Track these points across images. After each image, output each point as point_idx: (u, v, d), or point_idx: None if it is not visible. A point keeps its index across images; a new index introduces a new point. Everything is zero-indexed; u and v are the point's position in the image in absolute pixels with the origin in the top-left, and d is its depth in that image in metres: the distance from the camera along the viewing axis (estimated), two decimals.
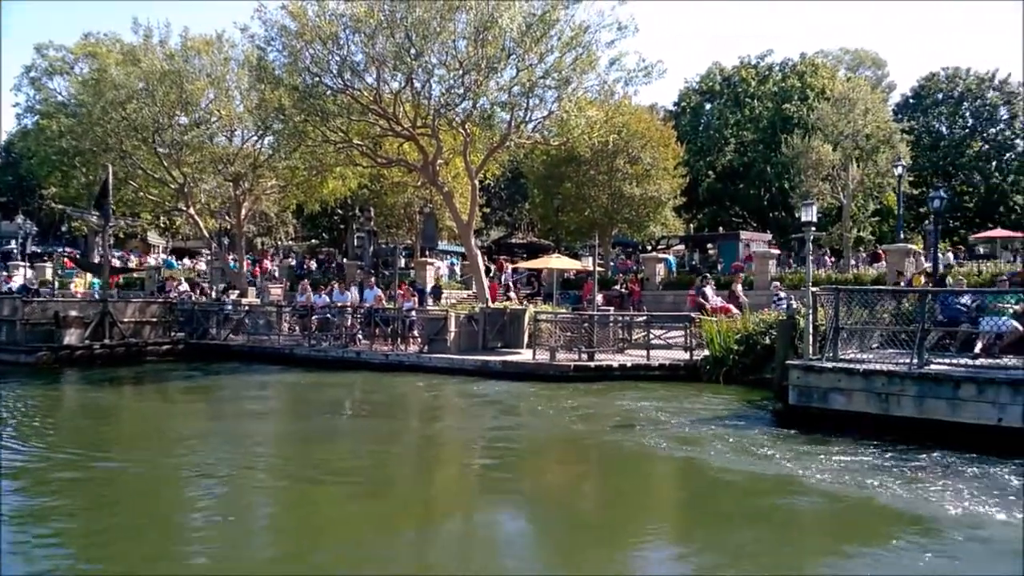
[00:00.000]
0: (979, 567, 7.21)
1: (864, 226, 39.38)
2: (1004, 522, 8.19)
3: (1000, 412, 11.03)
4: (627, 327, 21.43)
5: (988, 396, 11.16)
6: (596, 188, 32.99)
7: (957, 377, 11.55)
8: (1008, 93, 52.92)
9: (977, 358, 12.90)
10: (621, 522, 8.91)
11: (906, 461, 10.48)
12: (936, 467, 10.22)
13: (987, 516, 8.38)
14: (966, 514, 8.44)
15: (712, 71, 52.22)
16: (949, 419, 11.39)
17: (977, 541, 7.79)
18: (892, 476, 9.83)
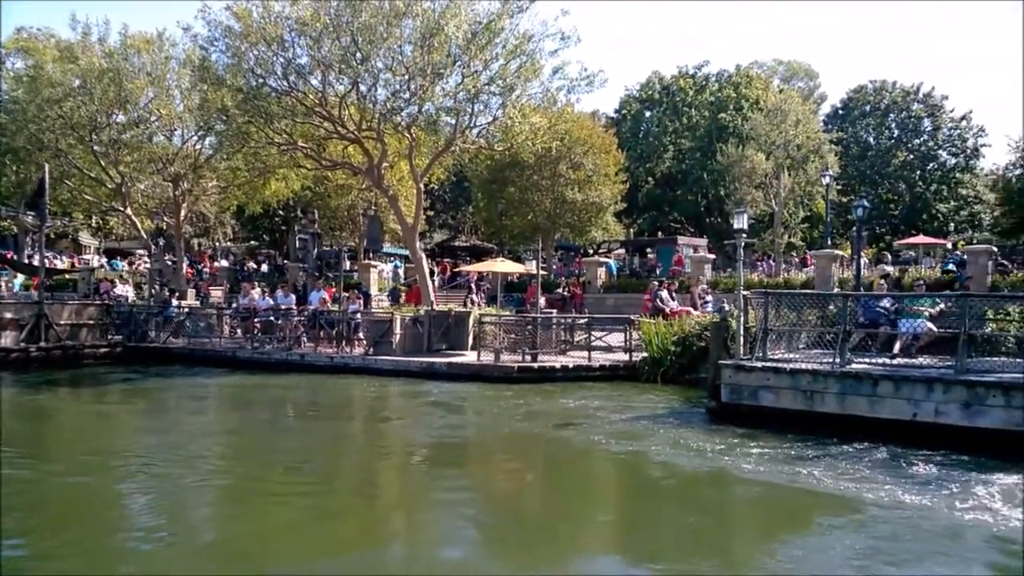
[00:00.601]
0: (896, 544, 7.89)
1: (795, 232, 40.90)
2: (917, 504, 8.91)
3: (915, 408, 11.86)
4: (569, 329, 21.98)
5: (904, 393, 12.00)
6: (539, 193, 33.52)
7: (876, 375, 12.36)
8: (932, 106, 55.56)
9: (895, 358, 13.81)
10: (566, 517, 9.32)
11: (829, 453, 11.21)
12: (856, 458, 10.95)
13: (903, 500, 9.11)
14: (884, 498, 9.16)
15: (652, 80, 53.47)
16: (869, 415, 12.19)
17: (893, 521, 8.48)
18: (817, 467, 10.53)
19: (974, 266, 21.92)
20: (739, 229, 15.50)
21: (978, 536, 8.02)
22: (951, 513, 8.63)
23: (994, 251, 23.38)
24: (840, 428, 12.18)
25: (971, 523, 8.34)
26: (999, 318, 14.84)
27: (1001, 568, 7.30)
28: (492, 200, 36.73)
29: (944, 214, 52.69)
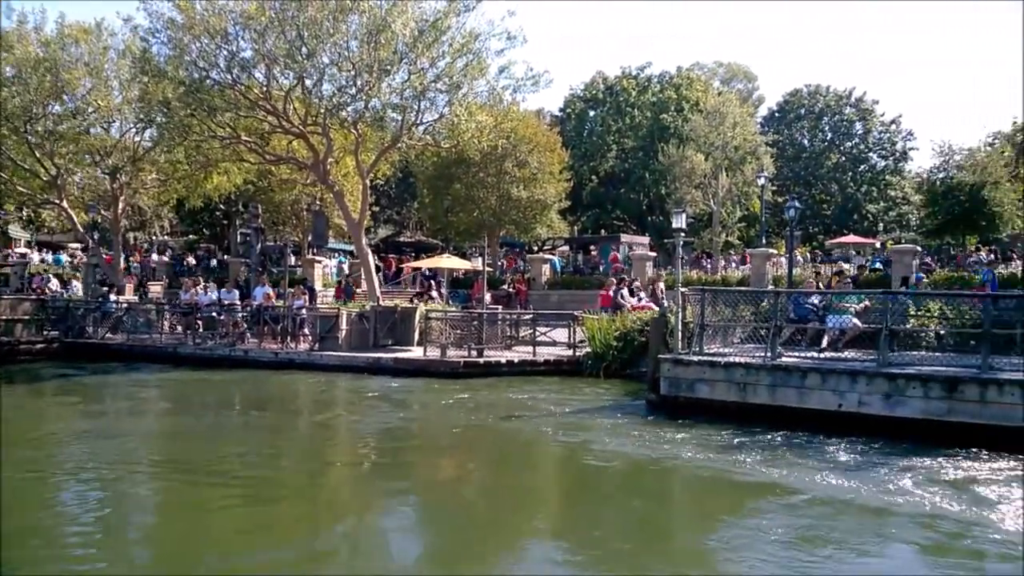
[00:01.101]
0: (825, 522, 8.53)
1: (732, 231, 42.10)
2: (843, 488, 9.53)
3: (840, 399, 12.57)
4: (514, 325, 22.34)
5: (830, 385, 12.69)
6: (485, 190, 33.84)
7: (804, 368, 13.04)
8: (863, 110, 57.71)
9: (823, 352, 14.53)
10: (512, 505, 9.67)
11: (761, 442, 11.80)
12: (786, 447, 11.57)
13: (830, 484, 9.73)
14: (812, 483, 9.76)
15: (596, 80, 54.24)
16: (797, 405, 12.85)
17: (821, 503, 9.10)
18: (750, 455, 11.11)
19: (899, 265, 23.03)
20: (677, 228, 16.08)
21: (899, 515, 8.65)
22: (874, 495, 9.25)
23: (918, 251, 24.57)
24: (771, 418, 12.80)
25: (892, 504, 8.97)
26: (921, 314, 15.78)
27: (921, 545, 7.91)
28: (438, 197, 36.90)
29: (874, 214, 54.77)
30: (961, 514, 8.51)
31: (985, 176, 28.46)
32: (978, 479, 9.77)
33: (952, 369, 12.20)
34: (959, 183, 28.62)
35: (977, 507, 8.71)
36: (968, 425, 11.52)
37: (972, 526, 8.19)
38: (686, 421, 13.15)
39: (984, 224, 29.01)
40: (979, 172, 28.83)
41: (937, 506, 8.79)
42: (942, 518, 8.45)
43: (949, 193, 28.62)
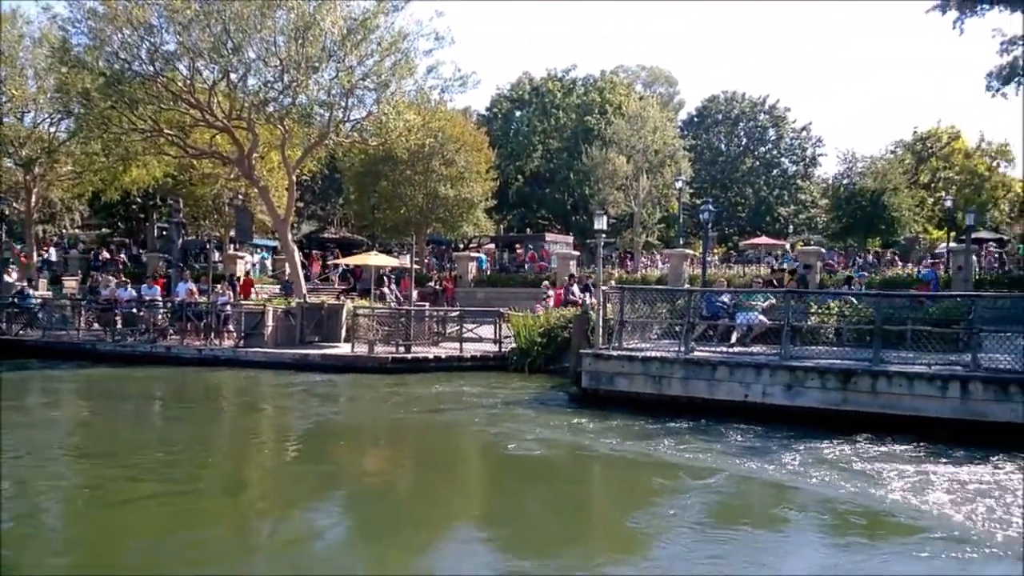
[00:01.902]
0: (735, 500, 9.38)
1: (652, 231, 43.48)
2: (749, 470, 10.38)
3: (746, 390, 13.51)
4: (442, 321, 22.76)
5: (737, 377, 13.62)
6: (412, 188, 34.07)
7: (714, 362, 13.95)
8: (776, 117, 60.27)
9: (732, 346, 15.50)
10: (440, 493, 10.13)
11: (675, 430, 12.59)
12: (696, 433, 12.39)
13: (737, 467, 10.56)
14: (721, 466, 10.57)
15: (522, 80, 55.00)
16: (708, 396, 13.74)
17: (730, 484, 9.92)
18: (664, 441, 11.90)
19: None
20: (599, 229, 16.83)
21: (799, 491, 9.54)
22: (776, 475, 10.13)
23: (823, 252, 26.11)
24: (684, 409, 13.64)
25: (792, 482, 9.87)
26: (821, 312, 16.94)
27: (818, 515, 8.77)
28: (364, 194, 36.91)
29: (785, 217, 57.29)
30: (851, 490, 9.43)
31: (885, 183, 30.45)
32: (867, 461, 10.74)
33: (847, 362, 13.29)
34: (861, 189, 30.55)
35: (865, 484, 9.64)
36: (861, 413, 12.58)
37: (862, 499, 9.11)
38: (606, 412, 13.85)
39: (883, 228, 31.09)
40: (879, 179, 30.82)
41: (831, 484, 9.71)
42: (836, 493, 9.37)
43: (852, 198, 30.56)
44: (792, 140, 60.41)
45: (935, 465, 10.47)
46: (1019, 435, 11.41)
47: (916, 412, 12.23)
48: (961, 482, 9.72)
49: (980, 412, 11.89)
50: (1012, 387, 11.79)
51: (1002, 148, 55.73)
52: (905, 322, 14.49)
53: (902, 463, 10.61)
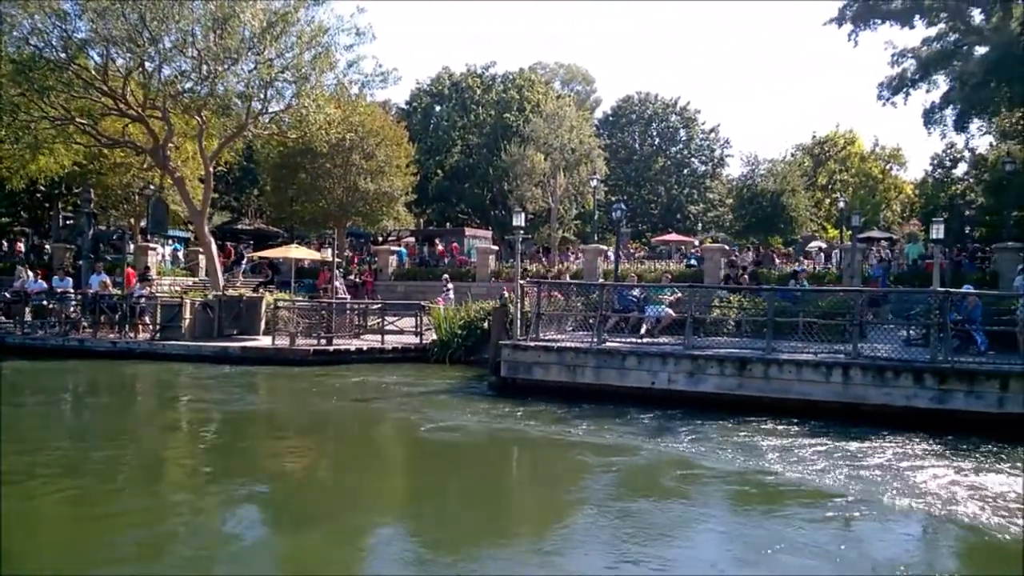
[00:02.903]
0: (641, 473, 10.24)
1: (569, 227, 44.61)
2: (654, 448, 11.28)
3: (653, 377, 14.50)
4: (363, 314, 23.08)
5: (645, 366, 14.60)
6: (332, 180, 34.03)
7: (624, 351, 14.89)
8: (687, 119, 62.47)
9: (642, 337, 16.49)
10: (364, 478, 10.63)
11: (587, 415, 13.46)
12: (608, 417, 13.26)
13: (643, 446, 11.48)
14: (627, 446, 11.45)
15: (442, 75, 55.26)
16: (618, 384, 14.67)
17: (637, 460, 10.79)
18: (577, 425, 12.76)
19: (710, 262, 25.87)
20: (517, 226, 17.58)
21: (701, 469, 10.46)
22: (680, 454, 11.06)
23: (726, 249, 27.62)
24: (597, 396, 14.54)
25: (693, 457, 10.83)
26: (723, 305, 18.15)
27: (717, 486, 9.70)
28: (282, 185, 36.61)
29: (694, 215, 59.57)
30: (747, 465, 10.44)
31: (785, 184, 32.38)
32: (760, 440, 11.81)
33: (743, 351, 14.43)
34: (763, 190, 32.40)
35: (759, 459, 10.68)
36: (755, 397, 13.72)
37: (756, 473, 10.12)
38: (524, 400, 14.62)
39: (782, 226, 33.07)
40: (780, 181, 32.75)
41: (729, 460, 10.71)
42: (733, 468, 10.36)
43: (754, 199, 32.37)
44: (702, 141, 62.78)
45: (820, 443, 11.61)
46: (893, 417, 12.72)
47: (804, 396, 13.45)
48: (841, 458, 10.87)
49: (860, 396, 13.18)
50: (888, 373, 13.11)
51: (894, 152, 59.55)
52: (798, 315, 15.79)
53: (790, 441, 11.73)
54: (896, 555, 7.63)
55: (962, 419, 12.39)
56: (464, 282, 29.10)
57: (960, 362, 12.99)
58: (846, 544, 7.84)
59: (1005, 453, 11.06)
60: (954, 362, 12.90)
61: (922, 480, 9.78)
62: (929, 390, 12.73)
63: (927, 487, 9.50)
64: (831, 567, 7.29)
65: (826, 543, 7.87)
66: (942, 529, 8.37)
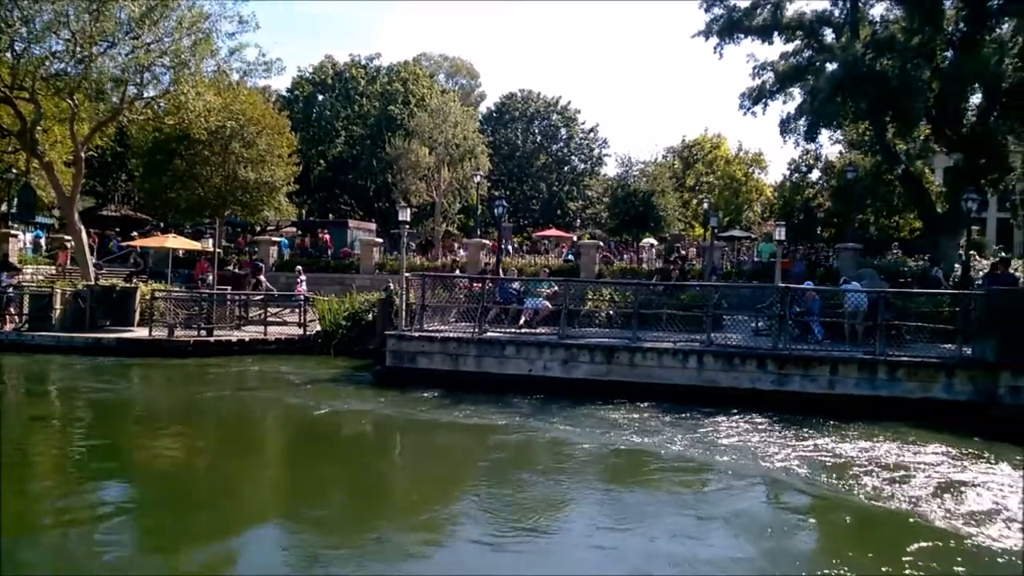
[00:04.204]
0: (520, 452, 11.18)
1: (452, 221, 45.36)
2: (532, 428, 12.25)
3: (530, 365, 15.51)
4: (244, 305, 22.98)
5: (523, 354, 15.58)
6: (209, 168, 33.17)
7: (504, 341, 15.83)
8: (567, 118, 64.41)
9: (522, 328, 17.48)
10: (245, 471, 11.07)
11: (467, 400, 14.30)
12: (488, 403, 14.15)
13: (521, 427, 12.45)
14: (504, 427, 12.40)
15: (325, 64, 54.65)
16: (498, 372, 15.59)
17: (515, 440, 11.74)
18: (458, 410, 13.62)
19: (586, 257, 27.25)
20: (403, 221, 18.16)
21: (572, 444, 11.54)
22: (554, 434, 12.09)
23: (600, 245, 29.14)
24: (478, 383, 15.40)
25: (565, 436, 11.91)
26: (595, 298, 19.39)
27: (589, 461, 10.73)
28: (156, 172, 35.33)
29: (573, 211, 61.59)
30: (613, 442, 11.59)
31: (655, 185, 34.35)
32: (626, 420, 13.02)
33: (612, 340, 15.66)
34: (635, 190, 34.26)
35: (624, 436, 11.86)
36: (622, 383, 14.95)
37: (622, 449, 11.29)
38: (408, 388, 15.30)
39: (652, 225, 35.10)
40: (651, 181, 34.71)
41: (597, 438, 11.84)
42: (599, 442, 11.49)
43: (627, 198, 34.16)
44: (581, 140, 64.90)
45: (677, 422, 12.93)
46: (741, 398, 14.24)
47: (665, 380, 14.81)
48: (695, 433, 12.20)
49: (712, 379, 14.67)
50: (736, 359, 14.66)
51: (757, 157, 63.65)
52: (662, 307, 17.23)
53: (652, 421, 13.02)
54: (744, 509, 8.98)
55: (799, 399, 14.05)
56: (348, 274, 29.35)
57: (797, 349, 14.71)
58: (701, 502, 9.17)
59: (832, 428, 12.71)
60: (792, 349, 14.60)
61: (762, 450, 11.23)
62: (771, 374, 14.37)
63: (766, 455, 10.94)
64: (690, 522, 8.52)
65: (686, 502, 9.18)
66: (780, 488, 9.75)
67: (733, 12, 29.18)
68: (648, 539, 8.01)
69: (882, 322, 14.50)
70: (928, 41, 25.32)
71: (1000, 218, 45.82)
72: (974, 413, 13.34)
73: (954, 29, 26.51)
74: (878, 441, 11.85)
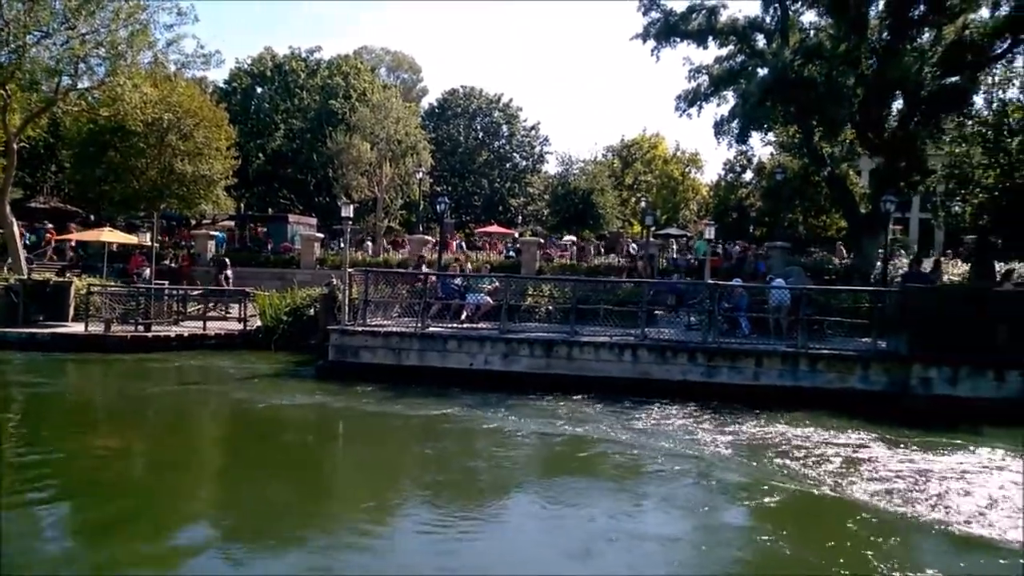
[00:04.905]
0: (462, 440, 11.52)
1: (395, 217, 45.35)
2: (475, 418, 12.63)
3: (472, 359, 15.92)
4: (182, 300, 22.76)
5: (465, 348, 15.98)
6: (145, 161, 32.59)
7: (446, 335, 16.19)
8: (509, 115, 64.90)
9: (463, 323, 17.86)
10: (184, 467, 10.98)
11: (411, 393, 14.66)
12: (430, 396, 14.51)
13: (464, 417, 12.86)
14: (445, 417, 12.79)
15: (264, 56, 53.93)
16: (440, 365, 15.96)
17: (458, 429, 12.11)
18: (402, 403, 13.97)
19: (527, 254, 27.74)
20: (345, 217, 18.35)
21: (512, 436, 11.96)
22: (494, 424, 12.51)
23: (541, 242, 29.67)
24: (421, 377, 15.73)
25: (504, 425, 12.35)
26: (536, 294, 19.92)
27: (529, 452, 11.18)
28: (89, 164, 34.51)
29: (515, 208, 62.14)
30: (553, 431, 12.08)
31: (594, 183, 35.14)
32: (565, 411, 13.53)
33: (551, 335, 16.17)
34: (575, 188, 34.96)
35: (557, 425, 12.36)
36: (561, 375, 15.49)
37: (561, 437, 11.78)
38: (352, 382, 15.52)
39: (591, 222, 35.90)
40: (590, 180, 35.48)
41: (536, 427, 12.32)
42: (540, 433, 11.98)
43: (567, 196, 34.86)
44: (523, 137, 65.49)
45: (612, 412, 13.51)
46: (673, 389, 14.90)
47: (601, 373, 15.39)
48: (628, 422, 12.78)
49: (646, 372, 15.32)
50: (668, 352, 15.33)
51: (693, 157, 65.26)
52: (599, 302, 17.82)
53: (588, 411, 13.59)
54: (677, 490, 9.64)
55: (726, 390, 14.80)
56: (288, 269, 29.20)
57: (724, 343, 15.46)
58: (637, 484, 9.78)
59: (756, 416, 13.45)
60: (720, 343, 15.35)
61: (692, 437, 11.89)
62: (700, 366, 15.08)
63: (696, 442, 11.60)
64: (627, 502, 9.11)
65: (623, 485, 9.79)
66: (709, 471, 10.36)
67: (670, 16, 29.97)
68: (588, 519, 8.50)
69: (803, 317, 15.35)
70: (853, 49, 26.49)
71: (922, 218, 48.01)
72: (888, 403, 14.26)
73: (878, 38, 27.80)
74: (799, 428, 12.62)
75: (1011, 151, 30.79)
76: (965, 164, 32.07)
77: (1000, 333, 14.39)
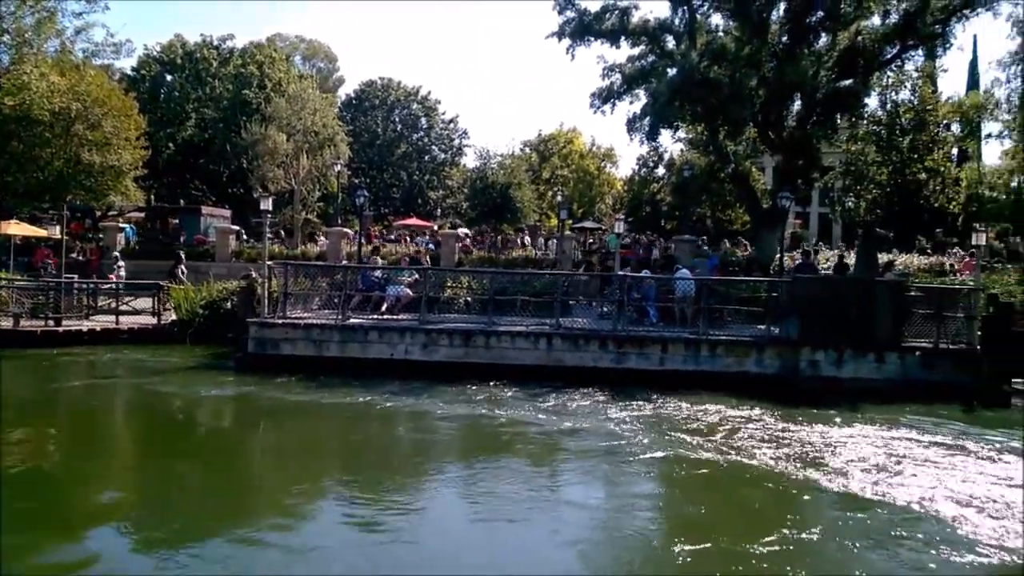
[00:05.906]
0: (377, 429, 11.93)
1: (312, 209, 44.92)
2: (389, 407, 13.10)
3: (392, 349, 16.34)
4: (93, 294, 22.25)
5: (385, 339, 16.38)
6: (50, 151, 31.44)
7: (367, 327, 16.57)
8: (428, 108, 64.93)
9: (384, 314, 18.22)
10: (96, 463, 10.89)
11: (333, 384, 14.97)
12: (351, 386, 14.84)
13: (378, 405, 13.25)
14: (367, 406, 13.17)
15: (174, 44, 52.38)
16: (361, 356, 16.32)
17: (371, 417, 12.54)
18: (323, 393, 14.31)
19: (446, 247, 28.24)
20: (264, 210, 18.44)
21: (433, 423, 12.48)
22: (414, 411, 13.03)
23: (460, 235, 30.19)
24: (342, 368, 16.04)
25: (426, 411, 12.88)
26: (455, 285, 20.40)
27: (456, 439, 11.72)
28: None
29: (434, 200, 62.35)
30: (472, 417, 12.70)
31: (512, 177, 35.82)
32: (479, 396, 14.14)
33: (469, 325, 16.75)
34: (493, 182, 35.56)
35: (476, 409, 12.96)
36: (479, 364, 16.07)
37: (480, 423, 12.40)
38: (272, 374, 15.69)
39: (509, 216, 36.61)
40: (508, 174, 36.15)
41: (456, 413, 12.92)
42: (459, 418, 12.56)
43: (486, 189, 35.42)
44: (442, 130, 65.66)
45: (527, 397, 14.19)
46: (585, 376, 15.69)
47: (518, 361, 16.08)
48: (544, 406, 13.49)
49: (560, 359, 16.08)
50: (580, 340, 16.14)
51: (608, 152, 66.84)
52: (515, 293, 18.48)
53: (504, 396, 14.25)
54: (592, 465, 10.44)
55: (635, 375, 15.70)
56: (203, 262, 28.81)
57: (633, 331, 16.38)
58: (555, 461, 10.52)
59: (662, 399, 14.37)
60: (629, 331, 16.25)
61: (604, 418, 12.72)
62: (611, 353, 15.96)
63: (605, 419, 12.44)
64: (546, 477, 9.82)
65: (541, 462, 10.52)
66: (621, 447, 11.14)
67: (584, 16, 30.87)
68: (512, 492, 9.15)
69: (705, 306, 16.41)
70: (756, 52, 27.97)
71: (822, 213, 50.69)
72: (781, 384, 15.45)
73: (778, 42, 29.39)
74: (700, 408, 13.60)
75: (903, 149, 33.17)
76: (860, 162, 34.30)
77: (880, 320, 15.78)
